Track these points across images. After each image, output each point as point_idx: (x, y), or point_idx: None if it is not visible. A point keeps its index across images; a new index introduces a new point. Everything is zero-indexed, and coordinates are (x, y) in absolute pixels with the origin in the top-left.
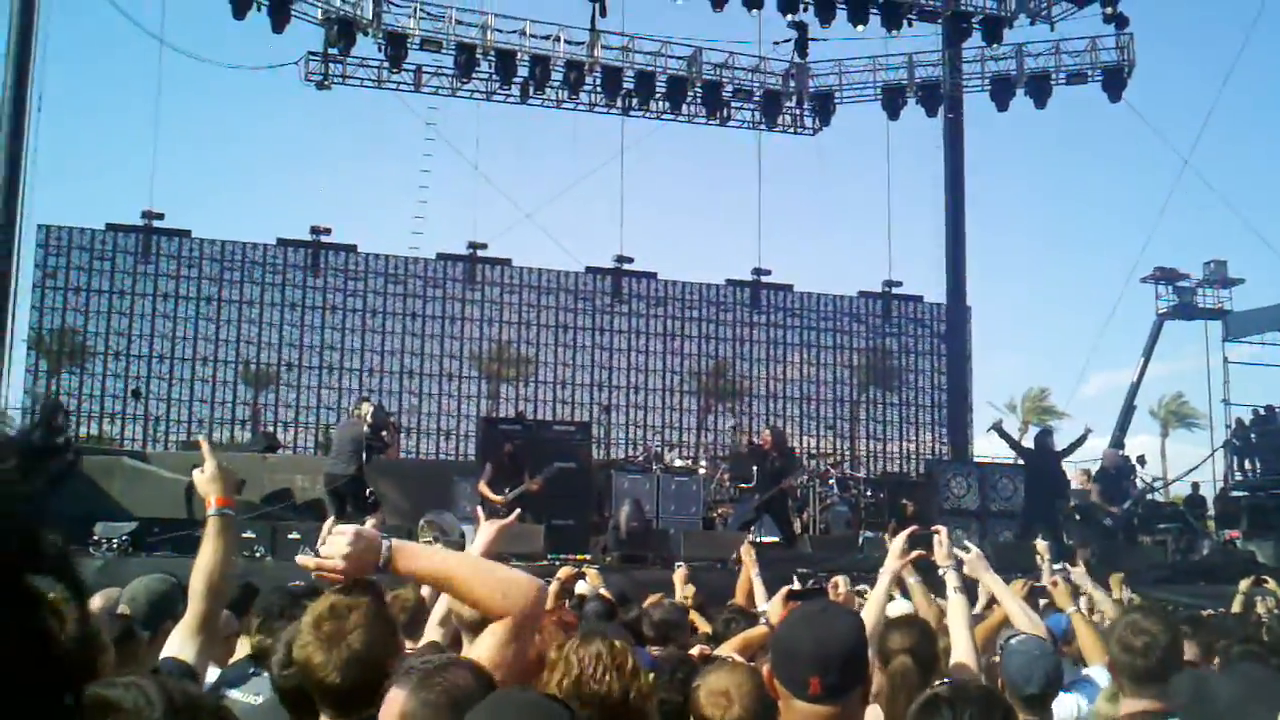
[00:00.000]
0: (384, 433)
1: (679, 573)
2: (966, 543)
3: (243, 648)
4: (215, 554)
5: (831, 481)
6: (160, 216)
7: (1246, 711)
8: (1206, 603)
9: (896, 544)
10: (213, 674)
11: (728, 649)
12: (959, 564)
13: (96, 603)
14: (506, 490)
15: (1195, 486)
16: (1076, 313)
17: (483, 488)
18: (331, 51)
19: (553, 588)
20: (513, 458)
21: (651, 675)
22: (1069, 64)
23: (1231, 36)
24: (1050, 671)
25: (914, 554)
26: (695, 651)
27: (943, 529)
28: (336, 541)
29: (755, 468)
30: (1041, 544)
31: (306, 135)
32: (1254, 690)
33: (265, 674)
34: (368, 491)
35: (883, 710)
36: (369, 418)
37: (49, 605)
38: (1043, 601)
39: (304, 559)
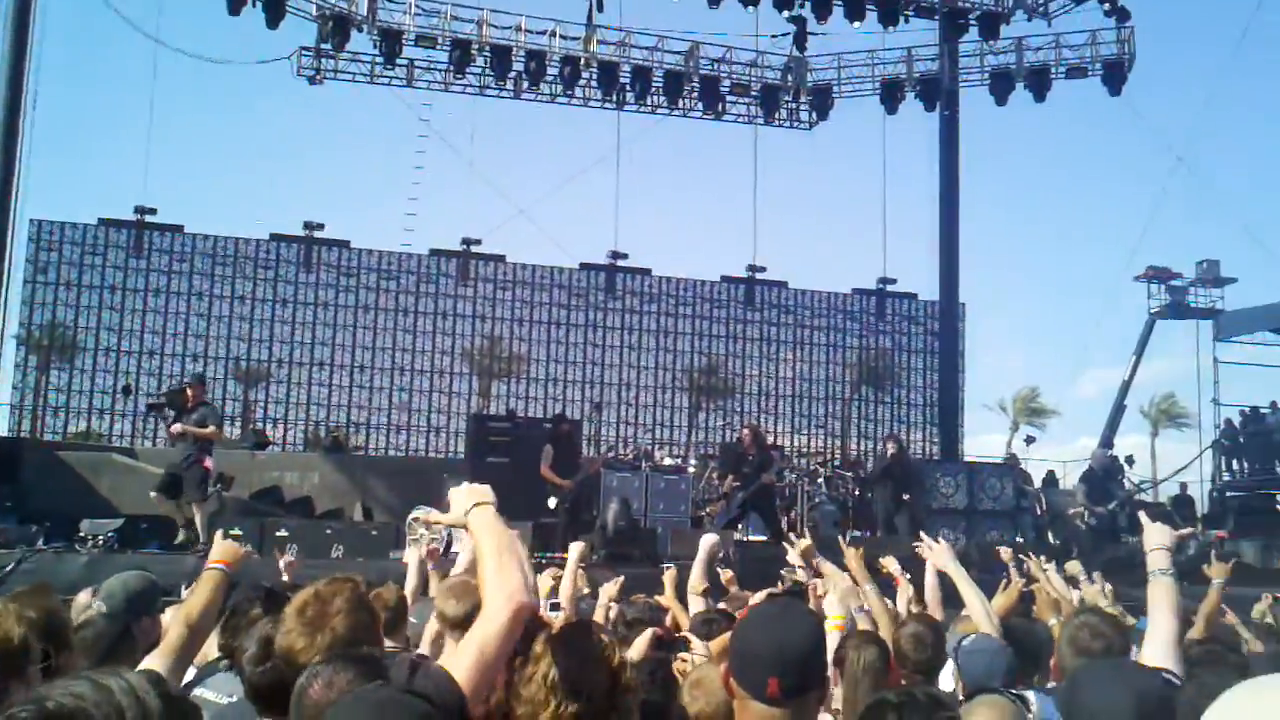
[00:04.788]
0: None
1: (668, 574)
2: (934, 538)
3: (210, 646)
4: None
5: (820, 480)
6: (153, 211)
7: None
8: (1190, 603)
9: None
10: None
11: (716, 646)
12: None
13: (83, 599)
14: (575, 475)
15: (1183, 486)
16: (1070, 310)
17: (546, 471)
18: (324, 46)
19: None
20: (570, 439)
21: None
22: (1069, 58)
23: (1226, 36)
24: (1008, 664)
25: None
26: (648, 635)
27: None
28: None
29: (739, 466)
30: (1006, 551)
31: (300, 130)
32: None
33: (233, 673)
34: (197, 481)
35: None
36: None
37: None
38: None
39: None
